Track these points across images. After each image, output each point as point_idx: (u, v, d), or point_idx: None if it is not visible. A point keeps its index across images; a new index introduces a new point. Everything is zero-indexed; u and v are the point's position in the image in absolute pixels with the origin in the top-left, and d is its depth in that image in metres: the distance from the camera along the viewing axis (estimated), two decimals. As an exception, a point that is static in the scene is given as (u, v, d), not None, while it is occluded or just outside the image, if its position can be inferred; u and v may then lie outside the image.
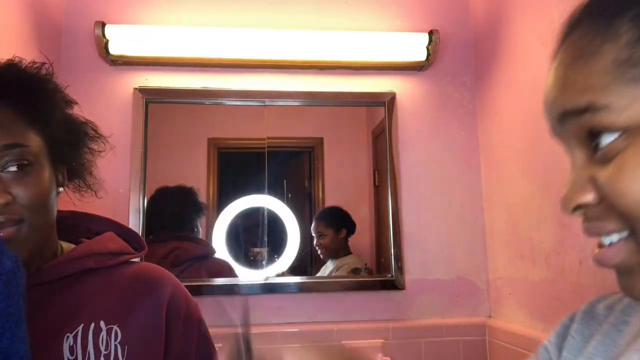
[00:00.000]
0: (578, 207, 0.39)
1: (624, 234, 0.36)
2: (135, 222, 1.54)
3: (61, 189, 0.72)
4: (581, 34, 0.39)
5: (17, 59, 0.69)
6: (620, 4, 0.35)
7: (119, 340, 0.68)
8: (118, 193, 1.55)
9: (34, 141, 0.65)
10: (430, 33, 1.64)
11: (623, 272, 0.38)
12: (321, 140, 1.75)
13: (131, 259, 0.78)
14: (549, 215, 1.28)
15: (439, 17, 1.76)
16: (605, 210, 0.37)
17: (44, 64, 0.71)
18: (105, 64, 1.61)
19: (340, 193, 1.72)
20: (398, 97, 1.71)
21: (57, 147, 0.69)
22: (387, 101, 1.70)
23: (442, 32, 1.68)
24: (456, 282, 1.64)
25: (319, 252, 1.70)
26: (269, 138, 1.68)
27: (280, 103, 1.69)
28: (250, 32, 1.60)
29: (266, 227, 1.65)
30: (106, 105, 1.60)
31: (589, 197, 0.37)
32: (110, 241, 0.76)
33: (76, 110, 0.77)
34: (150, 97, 1.63)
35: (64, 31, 1.62)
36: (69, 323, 0.67)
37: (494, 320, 1.60)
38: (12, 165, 0.61)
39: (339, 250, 1.70)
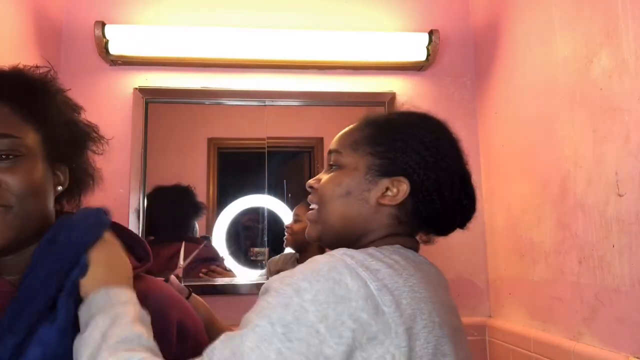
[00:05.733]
0: (310, 187, 0.77)
1: (316, 205, 0.75)
2: (135, 222, 1.54)
3: (60, 188, 0.72)
4: (358, 123, 0.78)
5: (19, 65, 0.71)
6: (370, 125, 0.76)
7: None
8: (118, 193, 1.55)
9: (30, 136, 0.66)
10: (430, 33, 1.64)
11: (310, 223, 0.76)
12: (321, 140, 1.75)
13: (134, 273, 0.73)
14: (549, 215, 1.28)
15: (439, 17, 1.76)
16: (316, 192, 0.76)
17: (45, 67, 0.73)
18: (105, 64, 1.61)
19: (340, 193, 1.72)
20: (398, 97, 1.71)
21: (56, 146, 0.70)
22: (387, 101, 1.70)
23: (442, 32, 1.68)
24: (456, 282, 1.64)
25: (285, 235, 1.63)
26: (269, 138, 1.68)
27: (280, 103, 1.69)
28: (250, 32, 1.60)
29: (266, 227, 1.65)
30: (106, 105, 1.60)
31: (315, 184, 0.76)
32: None
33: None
34: (150, 97, 1.63)
35: (64, 31, 1.62)
36: None
37: (494, 320, 1.60)
38: (2, 155, 0.63)
39: (308, 245, 1.59)
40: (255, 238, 1.65)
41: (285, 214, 1.67)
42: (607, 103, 1.07)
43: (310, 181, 0.78)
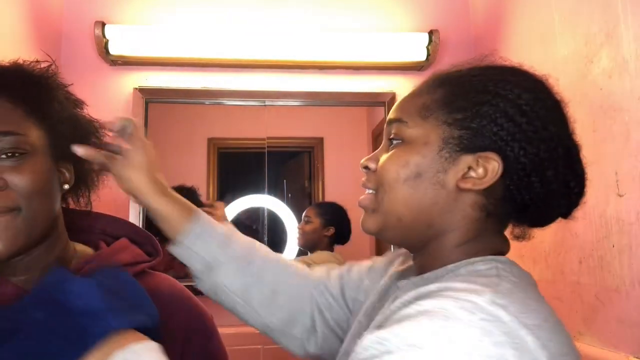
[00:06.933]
0: (365, 167, 0.61)
1: (373, 190, 0.60)
2: (135, 222, 1.54)
3: (67, 186, 0.70)
4: (426, 83, 0.60)
5: (19, 59, 0.69)
6: (459, 84, 0.57)
7: None
8: (118, 193, 1.55)
9: (33, 132, 0.64)
10: (430, 33, 1.64)
11: (365, 211, 0.61)
12: (321, 140, 1.75)
13: (145, 268, 0.74)
14: (549, 215, 1.28)
15: (439, 17, 1.76)
16: (373, 175, 0.60)
17: (47, 62, 0.71)
18: (105, 64, 1.61)
19: (340, 193, 1.72)
20: (398, 97, 1.70)
21: (60, 142, 0.67)
22: (387, 101, 1.70)
23: (442, 32, 1.68)
24: (456, 282, 1.64)
25: (297, 236, 1.66)
26: (269, 138, 1.68)
27: (280, 103, 1.70)
28: (250, 32, 1.60)
29: (266, 227, 1.65)
30: (106, 105, 1.60)
31: (372, 164, 0.60)
32: (121, 252, 0.72)
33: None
34: (150, 97, 1.63)
35: (64, 31, 1.62)
36: None
37: (494, 320, 1.60)
38: (7, 154, 0.60)
39: (318, 245, 1.64)
40: (255, 238, 1.64)
41: (285, 214, 1.68)
42: (607, 103, 1.07)
43: (365, 160, 0.62)
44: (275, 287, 0.73)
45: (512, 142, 0.53)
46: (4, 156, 0.60)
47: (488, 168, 0.53)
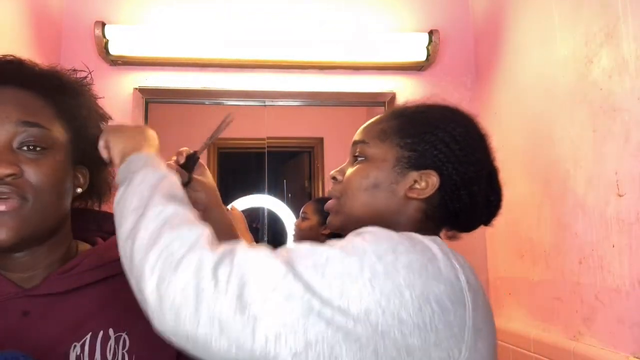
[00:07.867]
0: (334, 178, 0.75)
1: (339, 196, 0.73)
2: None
3: (80, 190, 0.72)
4: (387, 113, 0.76)
5: (57, 65, 0.74)
6: (415, 116, 0.73)
7: (127, 348, 0.67)
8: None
9: (57, 131, 0.67)
10: (430, 33, 1.64)
11: (331, 213, 0.74)
12: (321, 140, 1.75)
13: None
14: (549, 215, 1.28)
15: (439, 17, 1.76)
16: (339, 185, 0.73)
17: (84, 72, 0.78)
18: (105, 64, 1.61)
19: (340, 193, 1.72)
20: (398, 97, 1.71)
21: (82, 147, 0.71)
22: (387, 101, 1.71)
23: (442, 32, 1.68)
24: (456, 282, 1.64)
25: (292, 232, 1.63)
26: (269, 138, 1.68)
27: (280, 103, 1.70)
28: (250, 32, 1.60)
29: (266, 227, 1.65)
30: (106, 105, 1.57)
31: (339, 176, 0.74)
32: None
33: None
34: (150, 97, 1.63)
35: (64, 31, 1.62)
36: (77, 332, 0.65)
37: (494, 320, 1.60)
38: (29, 146, 0.63)
39: (314, 242, 1.61)
40: (255, 238, 1.65)
41: (285, 214, 1.67)
42: (607, 103, 1.07)
43: (334, 172, 0.76)
44: None
45: (447, 163, 0.69)
46: (25, 148, 0.63)
47: (429, 182, 0.68)
